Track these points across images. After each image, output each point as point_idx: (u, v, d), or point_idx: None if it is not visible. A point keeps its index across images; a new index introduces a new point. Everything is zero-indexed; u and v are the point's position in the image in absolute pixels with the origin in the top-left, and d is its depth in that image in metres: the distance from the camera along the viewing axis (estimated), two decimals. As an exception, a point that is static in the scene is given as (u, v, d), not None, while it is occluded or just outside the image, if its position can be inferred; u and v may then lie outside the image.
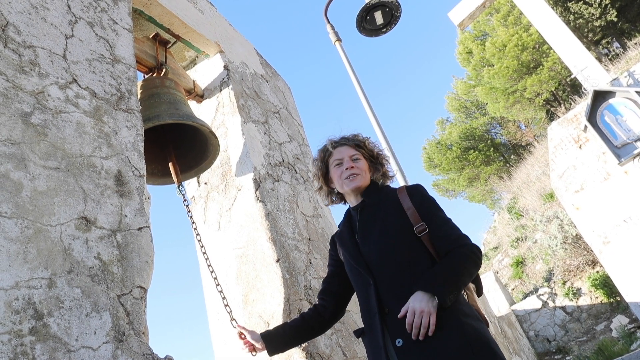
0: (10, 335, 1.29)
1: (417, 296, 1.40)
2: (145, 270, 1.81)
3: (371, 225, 1.66)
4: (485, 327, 1.48)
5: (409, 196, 1.65)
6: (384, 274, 1.54)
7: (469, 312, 1.47)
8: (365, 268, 1.59)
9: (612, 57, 15.75)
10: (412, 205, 1.62)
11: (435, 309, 1.38)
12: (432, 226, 1.57)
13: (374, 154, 1.84)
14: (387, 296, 1.51)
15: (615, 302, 9.19)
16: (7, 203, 1.46)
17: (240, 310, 2.78)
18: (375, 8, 5.44)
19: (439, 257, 1.54)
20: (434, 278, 1.44)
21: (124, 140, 2.03)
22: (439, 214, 1.62)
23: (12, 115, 1.62)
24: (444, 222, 1.59)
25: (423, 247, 1.55)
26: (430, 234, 1.56)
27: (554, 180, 7.49)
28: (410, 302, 1.40)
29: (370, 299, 1.55)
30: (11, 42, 1.76)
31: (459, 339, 1.37)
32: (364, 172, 1.78)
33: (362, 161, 1.79)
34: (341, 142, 1.83)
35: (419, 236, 1.56)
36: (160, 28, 3.08)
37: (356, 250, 1.65)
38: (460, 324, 1.40)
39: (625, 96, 6.65)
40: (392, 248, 1.56)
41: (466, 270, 1.48)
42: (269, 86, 4.00)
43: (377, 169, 1.83)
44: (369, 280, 1.56)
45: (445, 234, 1.56)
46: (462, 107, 23.21)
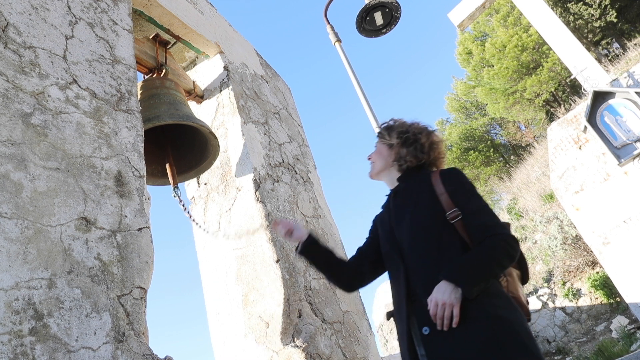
0: (10, 335, 1.29)
1: (440, 287, 1.38)
2: (145, 270, 1.81)
3: (403, 210, 1.64)
4: (520, 318, 1.41)
5: (442, 181, 1.60)
6: (414, 260, 1.52)
7: (500, 303, 1.41)
8: (398, 253, 1.57)
9: (611, 58, 15.76)
10: (445, 190, 1.57)
11: (458, 301, 1.35)
12: (466, 213, 1.51)
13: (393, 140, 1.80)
14: (416, 283, 1.49)
15: (615, 302, 9.19)
16: (7, 204, 1.47)
17: (239, 310, 2.78)
18: (375, 9, 5.44)
19: (473, 244, 1.48)
20: (459, 268, 1.40)
21: (124, 140, 2.04)
22: (474, 200, 1.55)
23: (12, 115, 1.62)
24: (479, 209, 1.52)
25: (456, 234, 1.50)
26: (464, 221, 1.50)
27: (554, 180, 7.49)
28: (434, 293, 1.38)
29: (399, 284, 1.54)
30: (11, 43, 1.76)
31: (486, 330, 1.33)
32: (377, 159, 1.82)
33: (377, 149, 1.85)
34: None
35: (452, 223, 1.51)
36: (160, 29, 3.09)
37: (391, 234, 1.64)
38: (488, 315, 1.36)
39: (625, 97, 6.65)
40: (423, 234, 1.53)
41: (496, 261, 1.42)
42: (268, 87, 4.00)
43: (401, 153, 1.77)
44: (400, 265, 1.55)
45: (479, 221, 1.49)
46: (461, 107, 23.22)
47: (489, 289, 1.42)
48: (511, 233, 1.49)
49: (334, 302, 2.99)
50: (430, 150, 1.77)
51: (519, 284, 1.62)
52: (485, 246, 1.43)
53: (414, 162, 1.75)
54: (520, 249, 1.53)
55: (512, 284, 1.57)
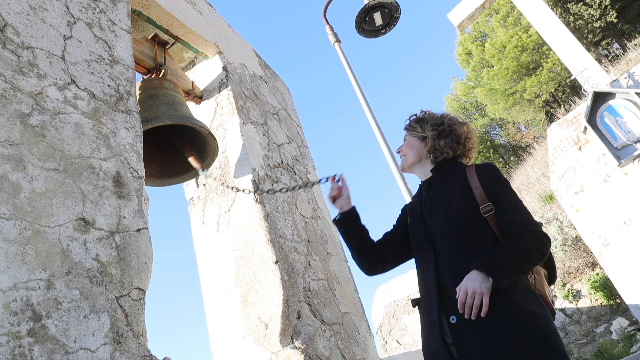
0: (8, 336, 1.29)
1: (471, 276, 1.39)
2: (143, 271, 1.80)
3: (437, 201, 1.65)
4: (547, 314, 1.42)
5: (477, 175, 1.61)
6: (445, 250, 1.53)
7: (528, 298, 1.42)
8: (429, 242, 1.59)
9: (612, 59, 15.77)
10: (480, 184, 1.58)
11: (488, 291, 1.36)
12: (499, 208, 1.52)
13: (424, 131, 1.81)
14: (446, 272, 1.50)
15: (615, 304, 9.18)
16: (5, 204, 1.46)
17: (238, 311, 2.78)
18: (375, 9, 5.44)
19: (504, 239, 1.50)
20: (491, 259, 1.42)
21: (123, 141, 2.03)
22: (508, 195, 1.56)
23: (10, 116, 1.62)
24: (512, 205, 1.54)
25: (488, 228, 1.51)
26: (497, 216, 1.51)
27: (554, 181, 7.49)
28: (464, 282, 1.39)
29: (429, 273, 1.55)
30: (10, 43, 1.76)
31: (514, 323, 1.34)
32: (409, 151, 1.83)
33: (407, 141, 1.86)
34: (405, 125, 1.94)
35: (485, 216, 1.52)
36: (159, 29, 3.08)
37: (422, 224, 1.65)
38: (516, 308, 1.37)
39: (625, 97, 6.65)
40: (455, 225, 1.54)
41: (528, 256, 1.43)
42: (267, 87, 4.00)
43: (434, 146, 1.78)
44: (430, 254, 1.56)
45: (512, 216, 1.50)
46: (461, 108, 23.23)
47: (518, 283, 1.43)
48: (543, 230, 1.51)
49: (333, 303, 2.98)
50: (466, 141, 1.79)
51: (546, 283, 1.63)
52: (518, 240, 1.44)
53: (451, 153, 1.76)
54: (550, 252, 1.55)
55: (539, 282, 1.58)
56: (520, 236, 1.45)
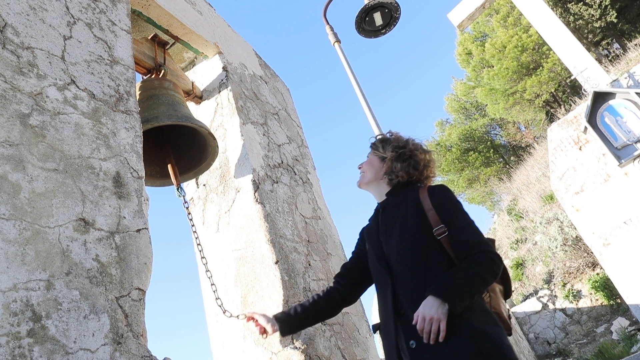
0: (8, 337, 1.28)
1: (428, 302, 1.41)
2: (143, 272, 1.80)
3: (392, 225, 1.67)
4: (502, 333, 1.46)
5: (429, 197, 1.63)
6: (402, 275, 1.56)
7: (484, 318, 1.46)
8: (386, 268, 1.61)
9: (612, 59, 15.76)
10: (432, 207, 1.60)
11: (445, 316, 1.38)
12: (452, 229, 1.55)
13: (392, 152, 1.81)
14: (404, 297, 1.53)
15: (615, 304, 9.18)
16: (5, 205, 1.46)
17: (239, 312, 2.78)
18: (375, 9, 5.44)
19: (458, 261, 1.52)
20: (446, 284, 1.44)
21: (123, 141, 2.03)
22: (460, 217, 1.59)
23: (10, 116, 1.62)
24: (464, 226, 1.57)
25: (442, 250, 1.54)
26: (450, 238, 1.54)
27: (554, 181, 7.48)
28: (421, 308, 1.41)
29: (387, 298, 1.57)
30: (9, 44, 1.76)
31: (471, 346, 1.37)
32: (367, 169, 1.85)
33: (369, 159, 1.87)
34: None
35: (439, 239, 1.55)
36: (159, 29, 3.08)
37: (379, 248, 1.67)
38: (473, 330, 1.40)
39: (625, 97, 6.65)
40: (410, 249, 1.57)
41: (481, 278, 1.47)
42: (267, 87, 4.00)
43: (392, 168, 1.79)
44: (387, 279, 1.58)
45: (464, 238, 1.53)
46: (461, 108, 23.22)
47: (473, 305, 1.47)
48: (495, 250, 1.54)
49: (333, 303, 2.98)
50: (424, 169, 1.80)
51: (502, 299, 1.67)
52: (471, 263, 1.48)
53: (405, 177, 1.77)
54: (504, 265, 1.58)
55: (494, 300, 1.62)
56: (473, 258, 1.48)
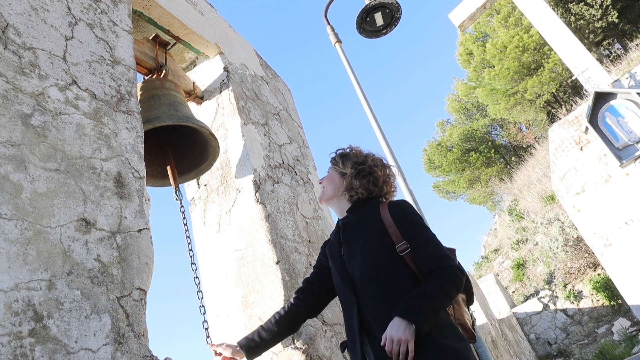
0: (9, 337, 1.29)
1: (395, 323, 1.41)
2: (144, 272, 1.81)
3: (354, 243, 1.65)
4: (468, 347, 1.49)
5: (390, 213, 1.62)
6: (367, 293, 1.54)
7: (449, 334, 1.47)
8: (350, 287, 1.59)
9: (613, 59, 15.76)
10: (394, 223, 1.60)
11: (412, 336, 1.39)
12: (413, 245, 1.55)
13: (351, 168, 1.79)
14: (370, 316, 1.51)
15: (616, 304, 9.17)
16: (7, 205, 1.46)
17: (239, 312, 2.78)
18: (376, 9, 5.44)
19: (421, 276, 1.53)
20: (411, 304, 1.44)
21: (124, 141, 2.03)
22: (421, 232, 1.60)
23: (12, 116, 1.62)
24: (426, 241, 1.57)
25: (405, 267, 1.54)
26: (412, 253, 1.54)
27: (555, 182, 7.48)
28: (388, 330, 1.41)
29: (352, 317, 1.55)
30: (11, 44, 1.76)
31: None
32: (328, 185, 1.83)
33: (329, 174, 1.85)
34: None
35: (402, 255, 1.54)
36: (160, 29, 3.09)
37: (342, 267, 1.65)
38: (439, 348, 1.41)
39: (626, 97, 6.64)
40: (374, 268, 1.55)
41: (445, 294, 1.48)
42: (268, 88, 4.00)
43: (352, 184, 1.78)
44: (352, 298, 1.57)
45: (426, 253, 1.54)
46: (462, 108, 23.21)
47: (440, 321, 1.48)
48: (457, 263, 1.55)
49: (333, 303, 2.98)
50: (384, 185, 1.79)
51: (465, 308, 1.69)
52: (434, 280, 1.48)
53: (365, 194, 1.76)
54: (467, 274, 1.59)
55: (458, 311, 1.64)
56: (436, 275, 1.49)
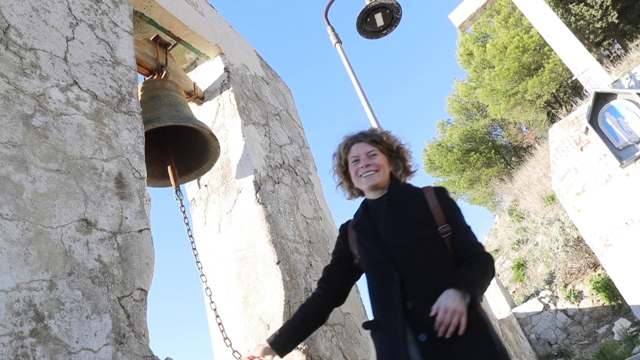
0: (11, 337, 1.29)
1: (449, 294, 1.41)
2: (145, 272, 1.81)
3: (398, 220, 1.65)
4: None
5: (436, 197, 1.67)
6: (410, 269, 1.54)
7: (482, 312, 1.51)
8: (391, 262, 1.57)
9: (613, 59, 15.77)
10: (439, 206, 1.65)
11: (466, 309, 1.40)
12: (455, 229, 1.61)
13: (393, 149, 1.80)
14: (412, 292, 1.51)
15: (617, 305, 9.16)
16: (8, 205, 1.47)
17: (240, 312, 2.78)
18: (376, 10, 5.44)
19: (456, 260, 1.57)
20: (465, 278, 1.48)
21: (125, 142, 2.04)
22: (462, 219, 1.66)
23: (13, 117, 1.63)
24: (466, 228, 1.64)
25: (445, 248, 1.59)
26: (453, 237, 1.60)
27: (555, 182, 7.48)
28: (443, 300, 1.41)
29: (392, 292, 1.54)
30: (12, 45, 1.76)
31: (482, 336, 1.41)
32: (382, 168, 1.74)
33: (379, 157, 1.75)
34: (358, 138, 1.79)
35: (442, 237, 1.59)
36: (160, 30, 3.09)
37: (379, 243, 1.63)
38: (485, 326, 1.45)
39: (626, 98, 6.64)
40: (420, 245, 1.57)
41: (487, 276, 1.54)
42: (269, 88, 4.00)
43: (398, 164, 1.80)
44: (393, 274, 1.55)
45: (467, 239, 1.61)
46: (462, 109, 23.21)
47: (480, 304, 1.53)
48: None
49: (334, 303, 2.98)
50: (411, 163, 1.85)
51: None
52: (479, 262, 1.55)
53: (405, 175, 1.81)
54: None
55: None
56: (479, 258, 1.57)
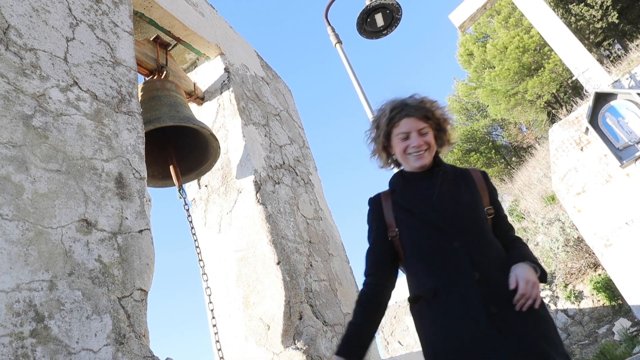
0: (11, 337, 1.29)
1: (524, 267, 1.42)
2: (145, 272, 1.81)
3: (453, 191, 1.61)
4: None
5: (483, 179, 1.68)
6: (470, 239, 1.51)
7: None
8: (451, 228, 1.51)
9: (613, 59, 15.76)
10: (486, 188, 1.66)
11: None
12: (498, 212, 1.64)
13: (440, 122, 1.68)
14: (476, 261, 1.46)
15: (617, 305, 9.16)
16: (8, 205, 1.47)
17: (240, 312, 2.78)
18: (376, 10, 5.44)
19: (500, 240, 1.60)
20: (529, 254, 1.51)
21: (125, 142, 2.04)
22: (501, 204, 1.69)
23: (13, 117, 1.63)
24: (505, 214, 1.68)
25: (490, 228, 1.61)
26: (496, 221, 1.62)
27: (555, 182, 7.48)
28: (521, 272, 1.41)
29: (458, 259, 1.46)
30: (12, 45, 1.76)
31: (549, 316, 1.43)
32: (432, 147, 1.65)
33: (430, 134, 1.65)
34: (408, 112, 1.63)
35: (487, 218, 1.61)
36: (161, 30, 3.09)
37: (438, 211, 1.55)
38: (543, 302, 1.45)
39: (626, 98, 6.63)
40: (477, 217, 1.57)
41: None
42: (269, 88, 4.00)
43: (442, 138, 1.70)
44: (453, 241, 1.49)
45: (508, 225, 1.65)
46: (463, 109, 23.22)
47: None
48: None
49: (334, 304, 2.98)
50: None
51: None
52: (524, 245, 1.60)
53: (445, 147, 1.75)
54: None
55: None
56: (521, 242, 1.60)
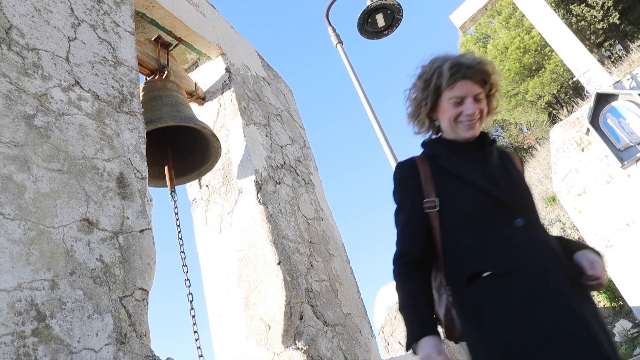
0: (12, 336, 1.29)
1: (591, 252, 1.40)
2: (147, 272, 1.81)
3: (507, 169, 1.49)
4: None
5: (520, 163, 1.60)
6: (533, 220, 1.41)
7: None
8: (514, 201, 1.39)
9: (614, 60, 15.76)
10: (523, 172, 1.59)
11: None
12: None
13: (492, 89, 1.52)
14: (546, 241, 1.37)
15: (617, 306, 9.15)
16: (10, 205, 1.47)
17: (241, 312, 2.78)
18: (377, 10, 5.45)
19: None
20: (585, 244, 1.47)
21: (126, 142, 2.04)
22: None
23: (15, 117, 1.63)
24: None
25: None
26: None
27: (556, 183, 7.48)
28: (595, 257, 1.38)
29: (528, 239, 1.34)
30: (15, 45, 1.77)
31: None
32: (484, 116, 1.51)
33: (484, 101, 1.49)
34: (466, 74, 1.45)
35: None
36: (162, 30, 3.10)
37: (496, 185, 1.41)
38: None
39: (628, 99, 6.63)
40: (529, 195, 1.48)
41: None
42: (270, 88, 4.01)
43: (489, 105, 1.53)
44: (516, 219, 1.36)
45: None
46: (463, 109, 23.20)
47: None
48: None
49: (335, 304, 2.98)
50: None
51: None
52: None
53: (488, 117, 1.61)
54: None
55: None
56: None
